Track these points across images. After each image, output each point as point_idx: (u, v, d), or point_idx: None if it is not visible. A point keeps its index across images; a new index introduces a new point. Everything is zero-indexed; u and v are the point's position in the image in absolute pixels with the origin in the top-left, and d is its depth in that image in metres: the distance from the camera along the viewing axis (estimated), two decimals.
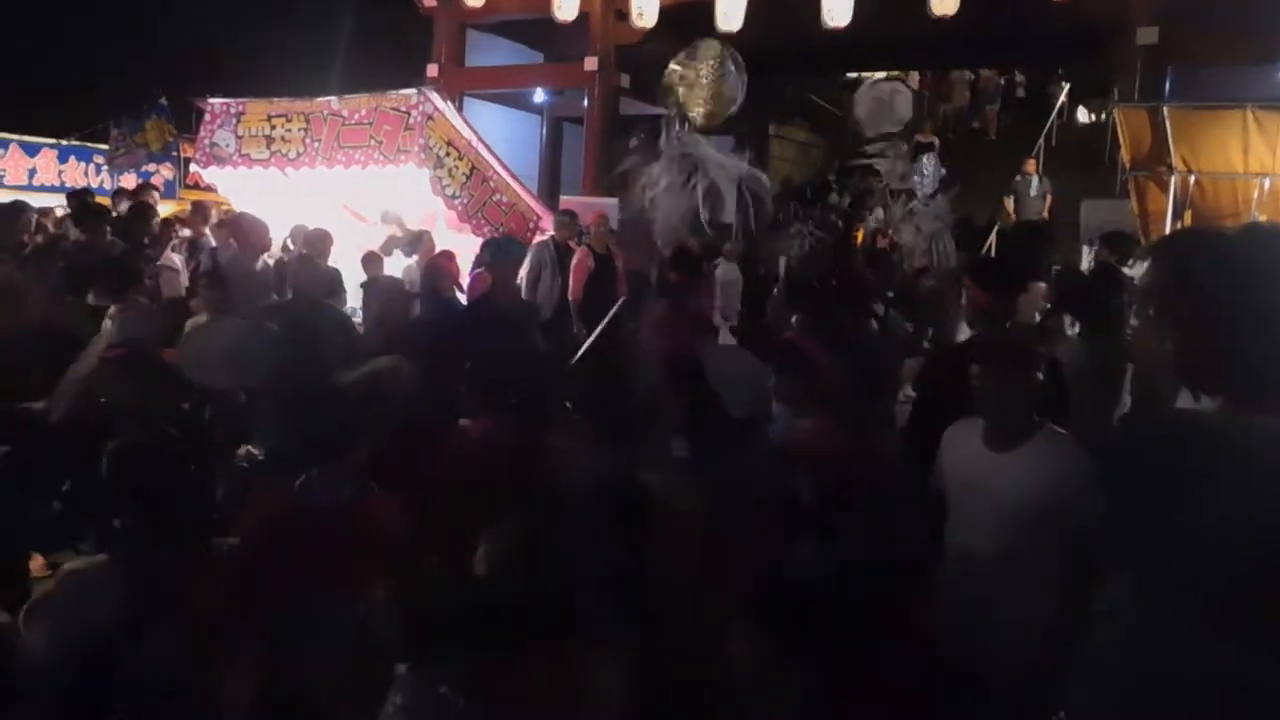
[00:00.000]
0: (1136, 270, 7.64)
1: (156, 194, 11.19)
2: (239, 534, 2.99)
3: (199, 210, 10.76)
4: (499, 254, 6.17)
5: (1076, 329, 5.35)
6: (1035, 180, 14.50)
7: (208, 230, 10.21)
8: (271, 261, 8.60)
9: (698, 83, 10.44)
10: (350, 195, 10.64)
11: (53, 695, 2.46)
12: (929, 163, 13.98)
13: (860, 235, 14.60)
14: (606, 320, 7.48)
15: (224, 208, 11.47)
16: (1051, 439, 3.07)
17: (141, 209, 9.19)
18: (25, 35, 16.91)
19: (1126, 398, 5.05)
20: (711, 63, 10.49)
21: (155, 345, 4.56)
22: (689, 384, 3.68)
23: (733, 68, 10.71)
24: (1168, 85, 10.70)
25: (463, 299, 7.30)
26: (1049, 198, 14.34)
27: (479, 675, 1.91)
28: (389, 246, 9.55)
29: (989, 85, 20.39)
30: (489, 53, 15.92)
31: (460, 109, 12.44)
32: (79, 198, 9.76)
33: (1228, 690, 1.49)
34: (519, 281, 9.52)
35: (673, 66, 10.88)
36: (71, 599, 2.55)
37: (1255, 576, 1.45)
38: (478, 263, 7.91)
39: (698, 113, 10.63)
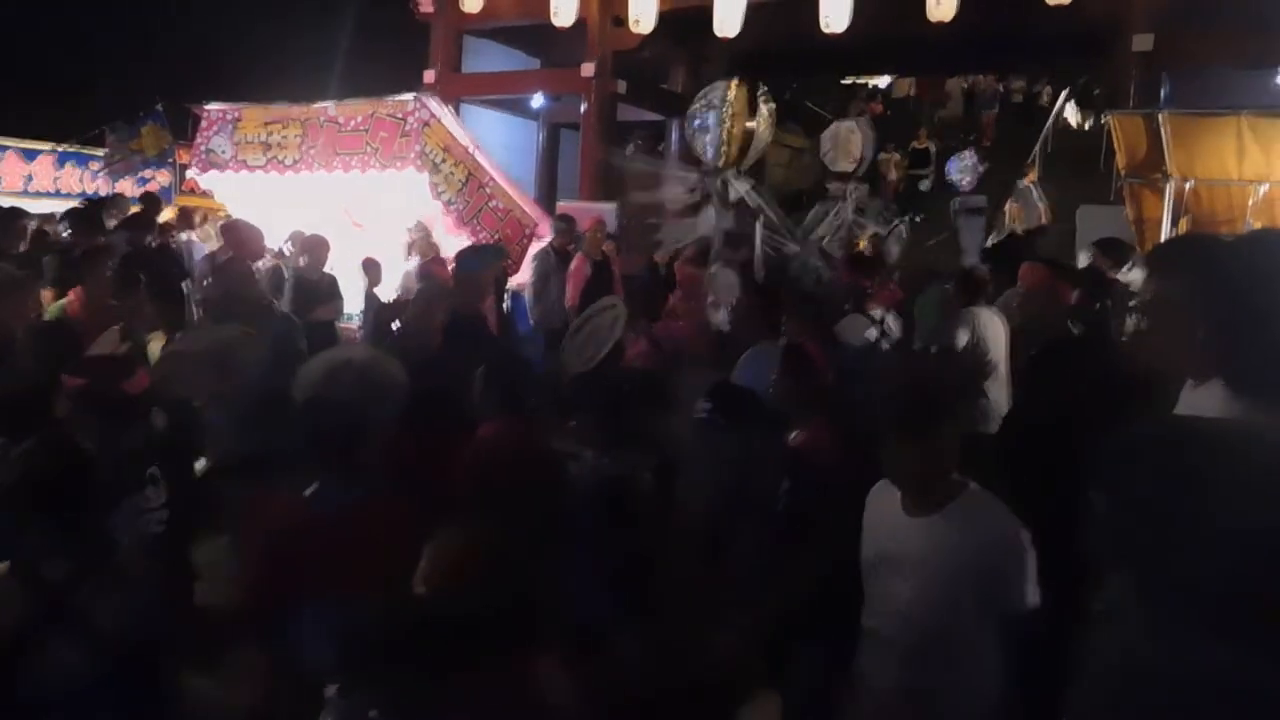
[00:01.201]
0: (1132, 276, 7.65)
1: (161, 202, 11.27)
2: (248, 540, 2.96)
3: (184, 215, 10.78)
4: (462, 267, 5.97)
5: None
6: (1033, 187, 14.58)
7: (195, 235, 10.21)
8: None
9: (728, 134, 10.52)
10: (348, 201, 10.64)
11: None
12: (968, 158, 14.03)
13: (861, 243, 14.62)
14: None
15: (220, 214, 11.48)
16: (976, 500, 2.73)
17: (145, 216, 9.23)
18: (22, 39, 16.91)
19: None
20: (741, 114, 10.60)
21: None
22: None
23: (762, 111, 10.81)
24: (1163, 92, 10.73)
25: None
26: (1043, 205, 14.41)
27: (412, 698, 1.86)
28: (411, 251, 9.56)
29: (986, 91, 20.46)
30: (486, 58, 15.94)
31: (457, 115, 12.44)
32: (91, 206, 9.82)
33: (1227, 692, 1.50)
34: (523, 291, 9.54)
35: (700, 111, 10.97)
36: None
37: (1254, 578, 1.45)
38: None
39: (726, 159, 10.74)
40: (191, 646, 2.70)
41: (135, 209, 10.61)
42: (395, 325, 6.86)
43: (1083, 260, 9.23)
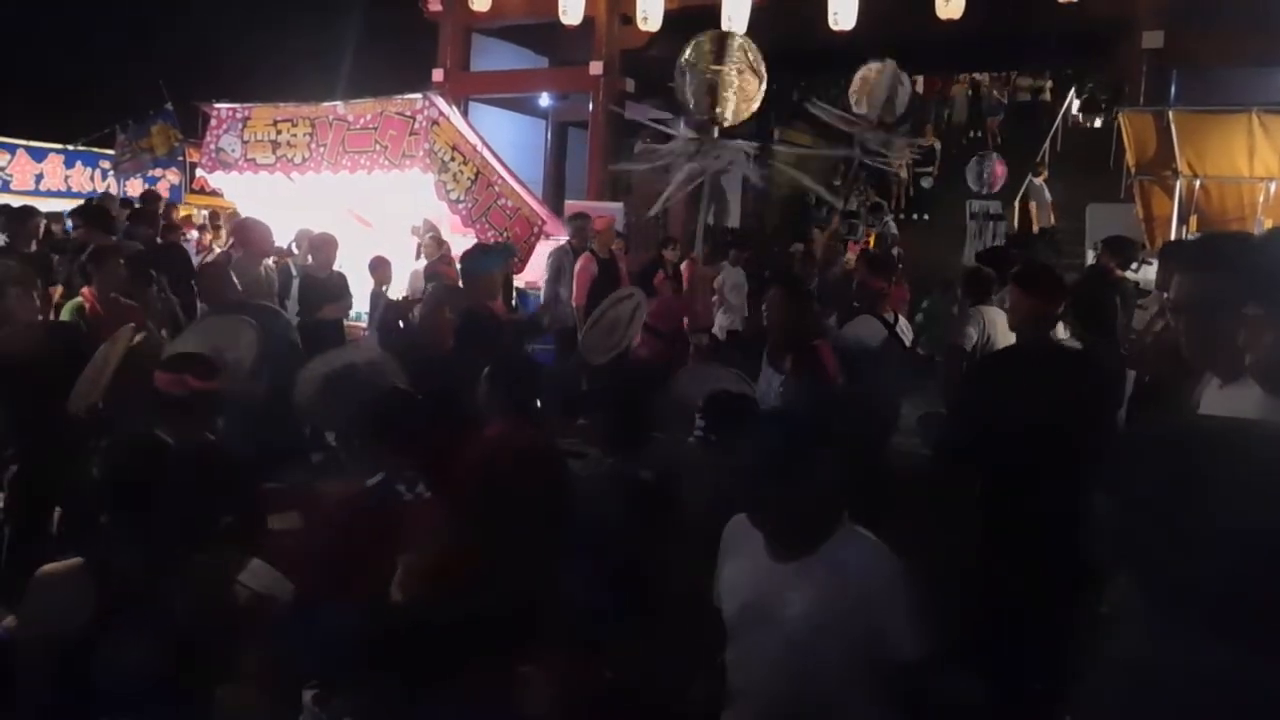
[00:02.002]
0: (1143, 274, 7.64)
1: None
2: (310, 528, 3.01)
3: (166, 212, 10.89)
4: (473, 268, 5.98)
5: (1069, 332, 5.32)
6: (1045, 186, 14.58)
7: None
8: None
9: (724, 82, 10.27)
10: (356, 200, 10.67)
11: (27, 699, 2.43)
12: (989, 162, 14.04)
13: (871, 240, 14.63)
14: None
15: (229, 212, 11.53)
16: (853, 540, 2.42)
17: (150, 213, 9.29)
18: (32, 41, 16.98)
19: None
20: (737, 60, 10.35)
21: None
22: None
23: (755, 64, 10.59)
24: (1173, 89, 10.69)
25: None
26: (1051, 203, 14.41)
27: (388, 705, 1.85)
28: (420, 252, 9.60)
29: (989, 97, 20.44)
30: (494, 57, 15.96)
31: (465, 114, 12.47)
32: (97, 204, 9.88)
33: (1231, 693, 1.49)
34: (532, 289, 9.56)
35: (694, 63, 10.68)
36: (42, 601, 2.51)
37: (1258, 579, 1.45)
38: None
39: (726, 111, 10.50)
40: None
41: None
42: (402, 325, 6.87)
43: (1093, 258, 9.24)
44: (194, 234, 10.69)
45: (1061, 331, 5.01)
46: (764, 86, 9.90)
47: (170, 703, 2.47)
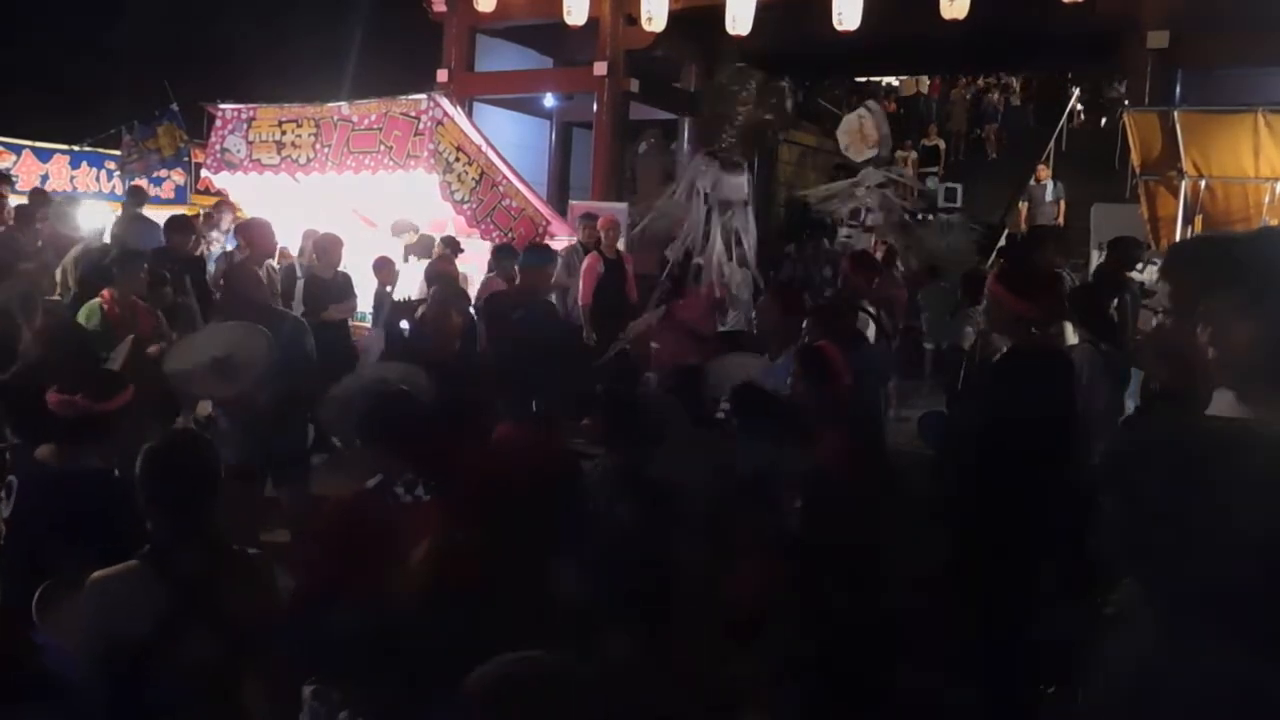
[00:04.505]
0: (1148, 274, 7.62)
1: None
2: (314, 529, 3.03)
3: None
4: (527, 261, 6.35)
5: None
6: (1050, 185, 14.51)
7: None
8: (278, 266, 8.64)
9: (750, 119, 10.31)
10: (360, 200, 10.68)
11: (88, 703, 2.44)
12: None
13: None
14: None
15: (235, 213, 11.53)
16: None
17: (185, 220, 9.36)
18: (38, 42, 17.00)
19: (1130, 402, 5.03)
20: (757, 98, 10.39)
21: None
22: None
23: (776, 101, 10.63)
24: (1178, 89, 10.66)
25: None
26: (1062, 203, 14.34)
27: (383, 701, 1.85)
28: (407, 254, 9.61)
29: (988, 106, 20.45)
30: (499, 57, 15.95)
31: (470, 114, 12.47)
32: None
33: (1239, 695, 1.49)
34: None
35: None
36: (101, 606, 2.51)
37: (1266, 580, 1.45)
38: (491, 268, 7.94)
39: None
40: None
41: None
42: (405, 326, 6.90)
43: (1097, 258, 9.21)
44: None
45: (1070, 334, 5.00)
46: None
47: (221, 694, 2.49)
